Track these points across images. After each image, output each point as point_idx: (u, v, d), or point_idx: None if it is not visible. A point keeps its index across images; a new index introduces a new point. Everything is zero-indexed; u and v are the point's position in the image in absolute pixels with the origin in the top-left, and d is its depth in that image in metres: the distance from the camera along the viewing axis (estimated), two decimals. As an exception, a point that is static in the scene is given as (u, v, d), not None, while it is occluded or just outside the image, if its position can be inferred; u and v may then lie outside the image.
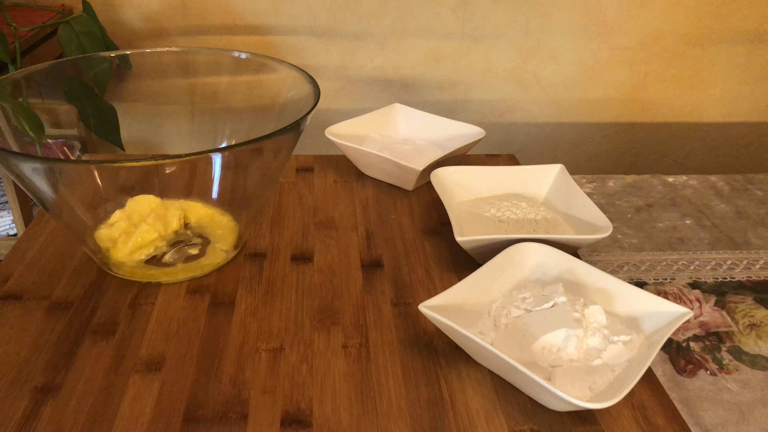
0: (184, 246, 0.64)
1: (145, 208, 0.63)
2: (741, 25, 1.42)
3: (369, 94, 1.44)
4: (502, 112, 1.49)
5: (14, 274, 0.63)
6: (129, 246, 0.61)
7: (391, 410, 0.50)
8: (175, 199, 0.65)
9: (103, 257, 0.62)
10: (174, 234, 0.64)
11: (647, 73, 1.46)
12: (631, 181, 1.09)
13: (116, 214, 0.64)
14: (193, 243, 0.65)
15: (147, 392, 0.50)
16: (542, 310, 0.53)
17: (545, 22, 1.39)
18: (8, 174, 0.55)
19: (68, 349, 0.54)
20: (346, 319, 0.59)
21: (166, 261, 0.63)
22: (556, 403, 0.48)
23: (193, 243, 0.65)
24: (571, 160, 1.53)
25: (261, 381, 0.52)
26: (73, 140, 1.30)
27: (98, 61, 0.75)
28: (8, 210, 1.25)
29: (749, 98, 1.51)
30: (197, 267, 0.63)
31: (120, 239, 0.61)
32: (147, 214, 0.63)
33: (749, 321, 0.76)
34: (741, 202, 1.01)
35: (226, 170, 0.63)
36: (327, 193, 0.79)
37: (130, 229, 0.62)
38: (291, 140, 0.62)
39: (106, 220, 0.64)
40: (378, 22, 1.36)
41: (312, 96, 0.63)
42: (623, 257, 0.87)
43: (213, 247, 0.65)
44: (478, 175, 0.75)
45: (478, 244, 0.62)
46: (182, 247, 0.64)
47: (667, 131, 1.54)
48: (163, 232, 0.63)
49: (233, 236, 0.66)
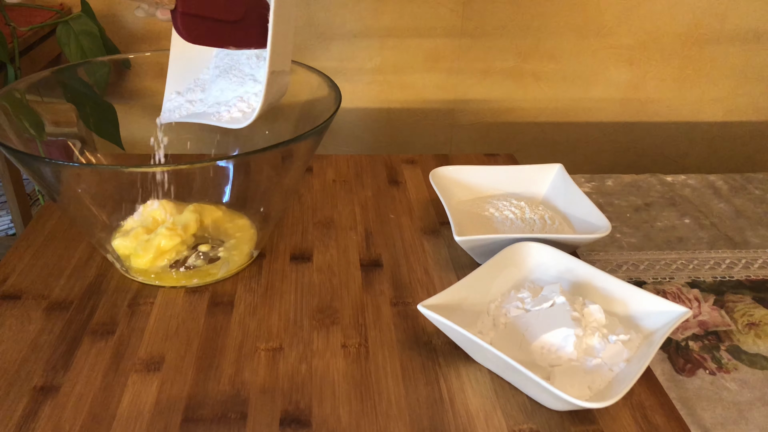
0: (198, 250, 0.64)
1: (159, 214, 0.63)
2: (740, 24, 1.42)
3: (368, 94, 1.44)
4: (501, 111, 1.49)
5: (13, 273, 0.63)
6: (151, 253, 0.60)
7: (391, 410, 0.50)
8: (184, 202, 0.65)
9: (122, 265, 0.62)
10: (193, 237, 0.63)
11: (646, 73, 1.47)
12: (630, 180, 1.09)
13: (129, 221, 0.64)
14: (214, 245, 0.64)
15: (146, 392, 0.50)
16: (541, 310, 0.53)
17: (544, 21, 1.39)
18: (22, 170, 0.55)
19: (67, 349, 0.54)
20: (345, 318, 0.59)
21: (189, 265, 0.62)
22: (555, 402, 0.48)
23: (213, 245, 0.64)
24: (569, 159, 1.53)
25: (260, 381, 0.52)
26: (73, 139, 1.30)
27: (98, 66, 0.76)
28: (7, 210, 1.25)
29: (748, 98, 1.51)
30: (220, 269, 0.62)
31: (140, 246, 0.61)
32: (163, 219, 0.63)
33: (748, 320, 0.76)
34: (740, 202, 1.02)
35: (239, 173, 0.63)
36: (326, 192, 0.79)
37: (147, 235, 0.61)
38: (314, 143, 0.61)
39: (119, 227, 0.63)
40: (377, 22, 1.36)
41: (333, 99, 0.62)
42: (622, 256, 0.87)
43: (236, 248, 0.64)
44: (477, 174, 0.75)
45: (477, 244, 0.62)
46: (197, 251, 0.64)
47: (665, 130, 1.54)
48: (184, 236, 0.62)
49: (252, 236, 0.65)
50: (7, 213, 1.25)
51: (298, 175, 0.64)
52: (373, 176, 0.83)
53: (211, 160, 0.53)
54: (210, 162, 0.53)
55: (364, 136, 1.49)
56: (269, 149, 0.54)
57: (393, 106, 1.46)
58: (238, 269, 0.64)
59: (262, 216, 0.66)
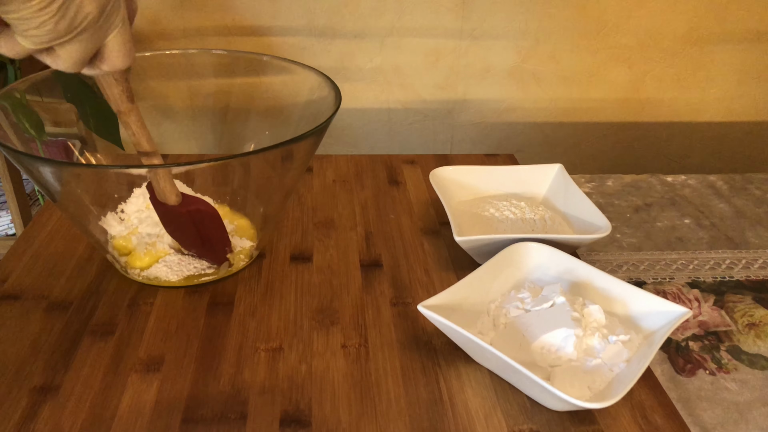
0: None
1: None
2: (740, 24, 1.42)
3: (368, 94, 1.44)
4: (501, 111, 1.48)
5: (13, 274, 0.63)
6: (151, 253, 0.60)
7: (390, 410, 0.50)
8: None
9: (123, 265, 0.62)
10: None
11: (646, 73, 1.47)
12: (630, 180, 1.09)
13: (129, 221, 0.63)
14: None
15: (146, 392, 0.50)
16: (541, 310, 0.53)
17: (544, 21, 1.39)
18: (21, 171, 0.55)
19: (67, 349, 0.54)
20: (345, 318, 0.59)
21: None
22: (555, 402, 0.48)
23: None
24: (569, 159, 1.53)
25: (260, 381, 0.52)
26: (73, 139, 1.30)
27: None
28: (7, 210, 1.25)
29: (748, 98, 1.51)
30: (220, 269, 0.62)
31: (139, 247, 0.61)
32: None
33: (748, 320, 0.76)
34: (740, 202, 1.02)
35: (239, 173, 0.63)
36: (326, 192, 0.79)
37: (147, 236, 0.61)
38: (314, 143, 0.61)
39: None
40: (377, 22, 1.36)
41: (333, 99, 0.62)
42: (622, 257, 0.87)
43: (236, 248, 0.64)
44: (477, 174, 0.75)
45: (477, 244, 0.62)
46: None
47: (665, 131, 1.54)
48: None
49: (252, 236, 0.65)
50: (7, 213, 1.25)
51: (298, 175, 0.64)
52: (373, 176, 0.83)
53: (211, 160, 0.53)
54: (210, 162, 0.53)
55: (364, 136, 1.49)
56: (269, 149, 0.54)
57: (393, 106, 1.46)
58: (238, 269, 0.64)
59: (262, 216, 0.66)
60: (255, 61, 0.74)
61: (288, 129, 0.69)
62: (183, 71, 0.76)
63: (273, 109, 0.75)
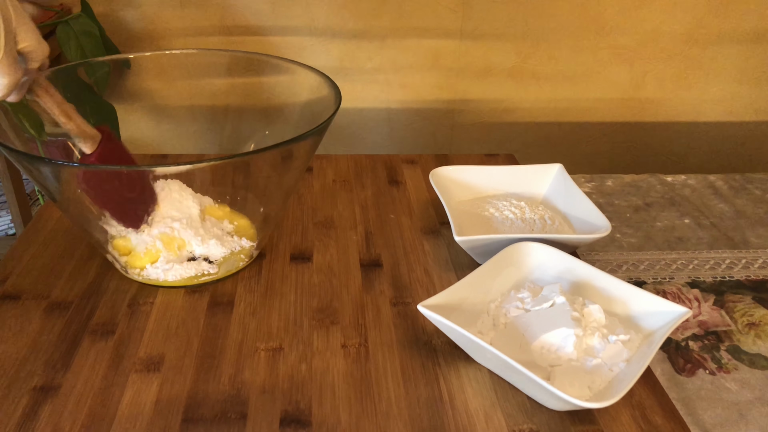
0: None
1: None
2: (740, 24, 1.42)
3: (368, 94, 1.44)
4: (501, 111, 1.49)
5: (13, 274, 0.63)
6: (150, 253, 0.60)
7: (390, 410, 0.50)
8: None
9: (123, 265, 0.62)
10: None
11: (646, 73, 1.47)
12: (630, 180, 1.09)
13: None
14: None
15: (146, 392, 0.50)
16: (541, 310, 0.53)
17: (544, 21, 1.39)
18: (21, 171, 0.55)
19: (67, 349, 0.54)
20: (345, 318, 0.59)
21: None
22: (555, 402, 0.48)
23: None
24: (569, 159, 1.53)
25: (260, 381, 0.52)
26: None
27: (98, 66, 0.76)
28: (7, 210, 1.25)
29: (748, 97, 1.51)
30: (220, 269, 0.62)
31: (139, 247, 0.61)
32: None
33: (748, 320, 0.76)
34: (739, 202, 1.02)
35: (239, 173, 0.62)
36: (326, 192, 0.79)
37: (146, 235, 0.61)
38: (314, 143, 0.61)
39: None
40: (377, 22, 1.36)
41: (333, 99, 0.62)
42: (622, 256, 0.87)
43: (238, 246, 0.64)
44: (477, 174, 0.75)
45: (477, 244, 0.62)
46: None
47: (665, 130, 1.54)
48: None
49: (252, 236, 0.65)
50: (7, 213, 1.25)
51: (298, 175, 0.64)
52: (373, 176, 0.83)
53: (211, 160, 0.53)
54: (210, 162, 0.53)
55: (364, 136, 1.49)
56: (269, 149, 0.54)
57: (393, 106, 1.46)
58: (238, 269, 0.64)
59: (262, 216, 0.66)
60: (255, 61, 0.74)
61: (288, 129, 0.69)
62: (183, 71, 0.76)
63: (273, 109, 0.75)
